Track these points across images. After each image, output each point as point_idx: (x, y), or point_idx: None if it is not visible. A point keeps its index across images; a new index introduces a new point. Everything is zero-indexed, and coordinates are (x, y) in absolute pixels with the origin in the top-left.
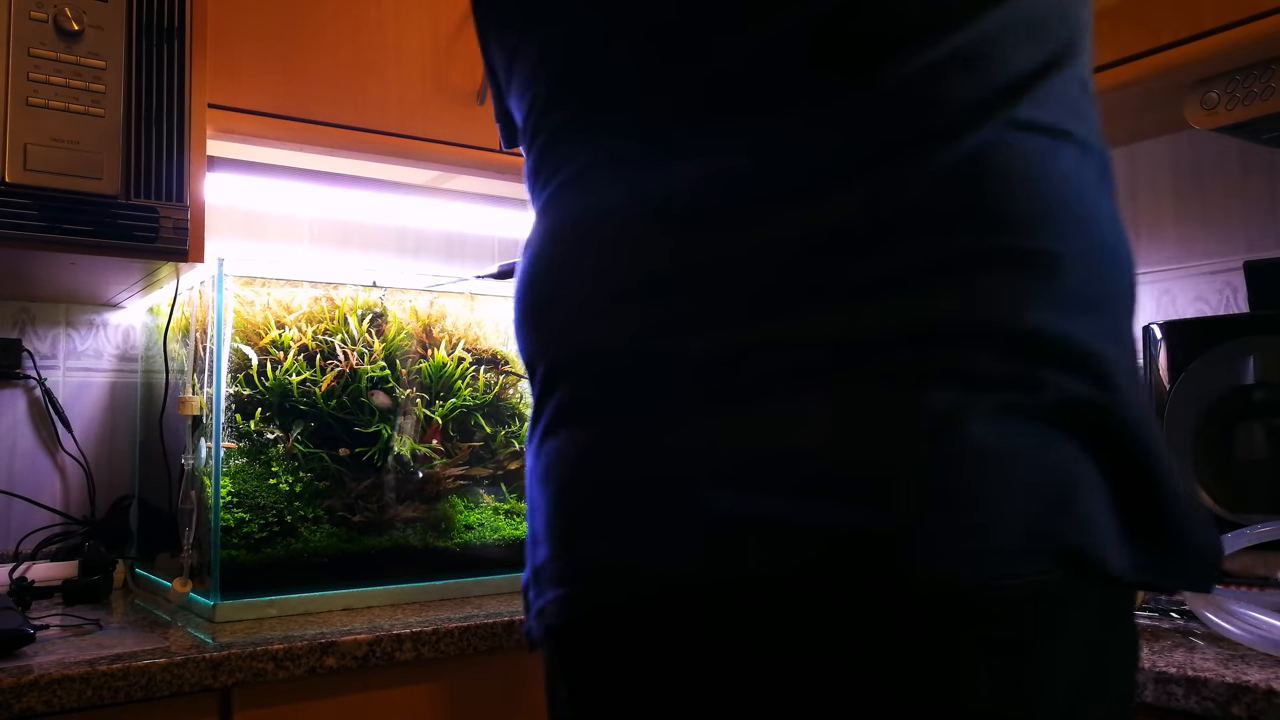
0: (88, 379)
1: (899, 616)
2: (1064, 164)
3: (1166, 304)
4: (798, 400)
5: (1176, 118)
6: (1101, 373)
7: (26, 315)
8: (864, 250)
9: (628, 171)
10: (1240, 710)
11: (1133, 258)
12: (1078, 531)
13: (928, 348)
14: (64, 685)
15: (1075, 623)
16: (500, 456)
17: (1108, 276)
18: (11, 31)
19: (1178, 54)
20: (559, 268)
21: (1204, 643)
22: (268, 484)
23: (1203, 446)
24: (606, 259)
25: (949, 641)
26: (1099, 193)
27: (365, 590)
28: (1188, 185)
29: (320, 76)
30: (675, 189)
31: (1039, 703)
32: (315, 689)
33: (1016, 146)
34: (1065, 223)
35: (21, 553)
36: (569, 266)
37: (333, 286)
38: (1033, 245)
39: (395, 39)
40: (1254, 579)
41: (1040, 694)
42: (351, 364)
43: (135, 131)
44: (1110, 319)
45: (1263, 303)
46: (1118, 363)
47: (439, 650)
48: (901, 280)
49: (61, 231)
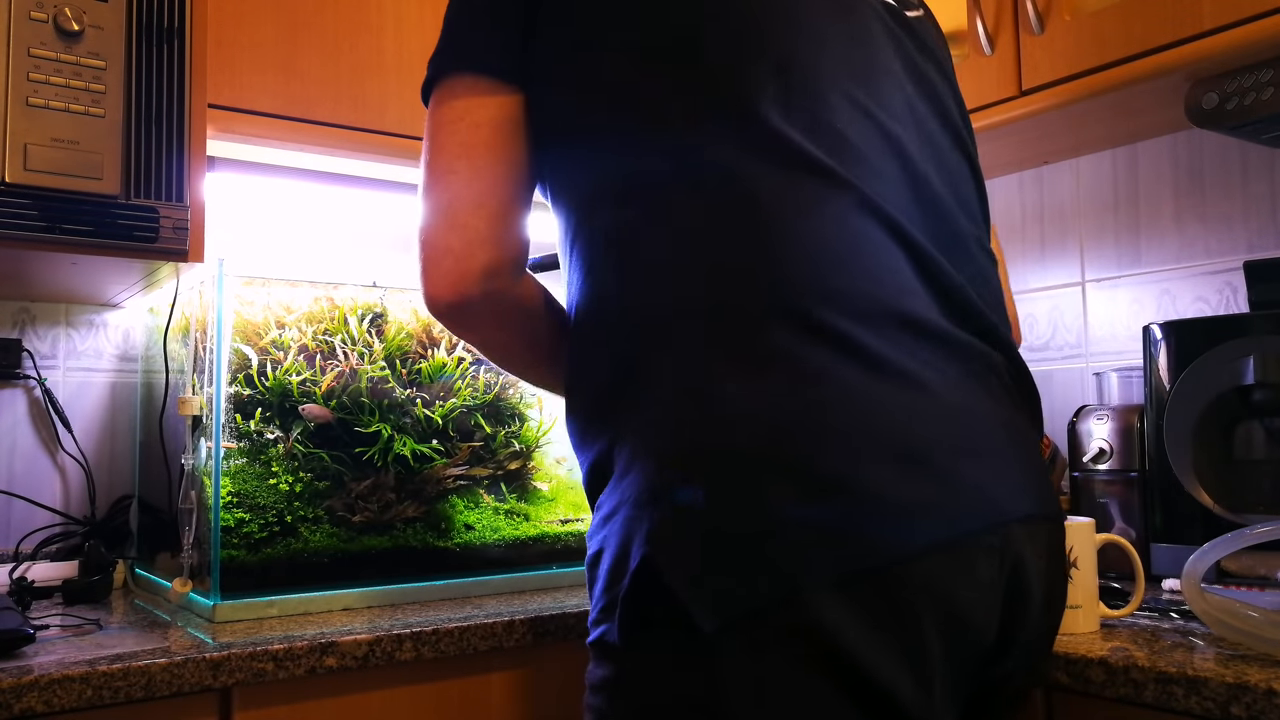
0: (88, 379)
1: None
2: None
3: (1166, 304)
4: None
5: (1176, 118)
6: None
7: (26, 315)
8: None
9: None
10: (1240, 710)
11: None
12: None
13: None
14: (64, 685)
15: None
16: (500, 456)
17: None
18: (11, 31)
19: (1178, 54)
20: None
21: (1204, 643)
22: (268, 484)
23: (1203, 446)
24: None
25: None
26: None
27: (365, 590)
28: (1188, 185)
29: (320, 77)
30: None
31: None
32: (315, 689)
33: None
34: None
35: (21, 553)
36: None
37: (333, 286)
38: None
39: (395, 39)
40: (1254, 579)
41: None
42: (351, 364)
43: (135, 131)
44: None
45: (1263, 303)
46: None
47: (439, 650)
48: None
49: (61, 231)
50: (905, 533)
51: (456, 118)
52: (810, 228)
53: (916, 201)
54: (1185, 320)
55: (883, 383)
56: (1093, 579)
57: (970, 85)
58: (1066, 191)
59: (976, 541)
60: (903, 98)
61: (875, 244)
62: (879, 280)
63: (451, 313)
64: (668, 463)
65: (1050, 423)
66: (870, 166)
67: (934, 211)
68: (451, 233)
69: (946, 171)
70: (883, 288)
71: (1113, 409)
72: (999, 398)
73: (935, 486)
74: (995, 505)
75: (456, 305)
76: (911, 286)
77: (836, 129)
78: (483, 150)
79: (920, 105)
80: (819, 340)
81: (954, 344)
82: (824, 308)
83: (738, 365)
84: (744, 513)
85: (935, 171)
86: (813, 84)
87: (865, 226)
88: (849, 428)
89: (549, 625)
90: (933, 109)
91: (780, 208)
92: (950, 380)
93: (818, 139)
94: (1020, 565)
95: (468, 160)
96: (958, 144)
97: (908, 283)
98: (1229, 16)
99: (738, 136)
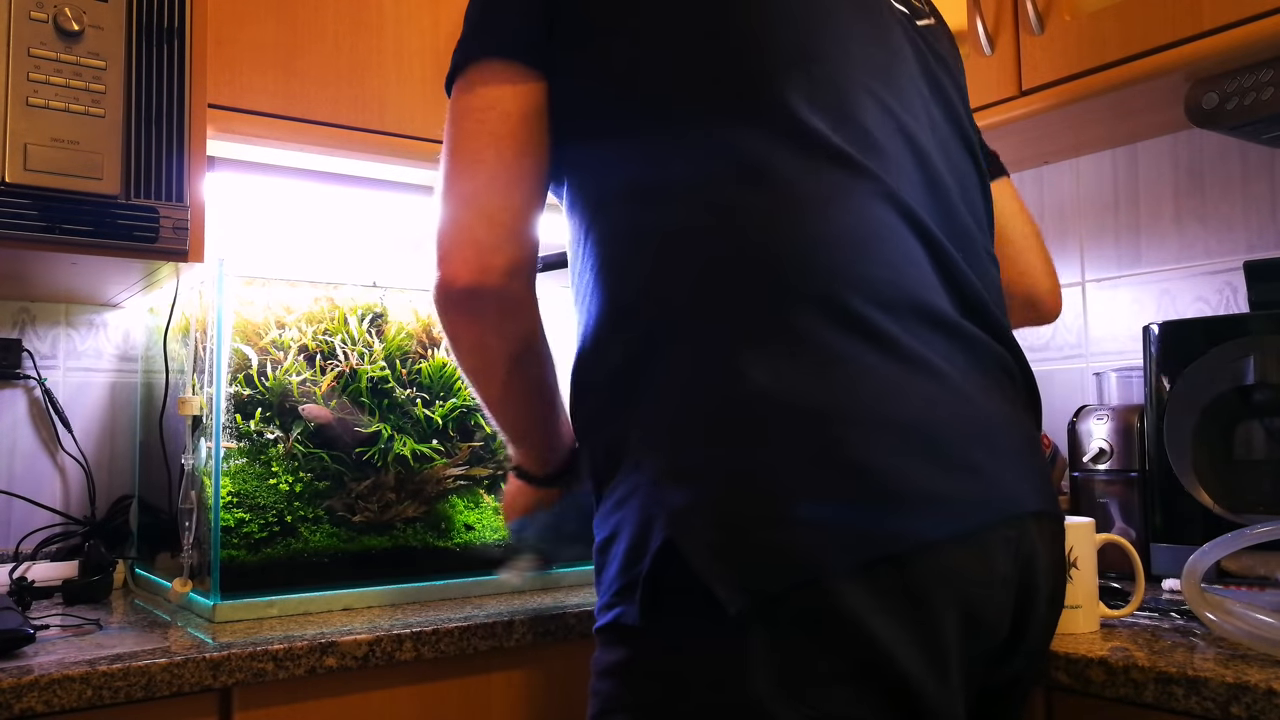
0: (88, 379)
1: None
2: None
3: (1166, 304)
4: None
5: (1176, 118)
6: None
7: (26, 315)
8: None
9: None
10: (1240, 710)
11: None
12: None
13: None
14: (64, 685)
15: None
16: (500, 456)
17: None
18: (11, 31)
19: (1178, 54)
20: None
21: (1204, 643)
22: (268, 484)
23: (1203, 446)
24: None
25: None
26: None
27: (365, 590)
28: (1188, 185)
29: (320, 77)
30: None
31: None
32: (315, 689)
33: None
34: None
35: (21, 553)
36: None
37: (333, 286)
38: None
39: (395, 39)
40: (1254, 579)
41: None
42: (351, 364)
43: (135, 131)
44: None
45: (1263, 303)
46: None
47: (439, 650)
48: None
49: (61, 231)
50: (927, 522)
51: (487, 105)
52: (834, 216)
53: (932, 199)
54: (1185, 320)
55: (904, 371)
56: (1093, 579)
57: (970, 85)
58: (1066, 191)
59: (994, 533)
60: (921, 102)
61: (896, 234)
62: (900, 270)
63: (465, 300)
64: (689, 446)
65: (1050, 423)
66: (891, 161)
67: (947, 211)
68: (478, 223)
69: (958, 176)
70: (903, 277)
71: (1113, 409)
72: (1007, 393)
73: (956, 477)
74: (1011, 498)
75: (472, 293)
76: (929, 279)
77: (860, 123)
78: (510, 142)
79: (935, 111)
80: (843, 326)
81: (967, 338)
82: (848, 294)
83: (761, 350)
84: (767, 496)
85: (948, 174)
86: (838, 80)
87: (887, 216)
88: (872, 414)
89: (549, 625)
90: (946, 115)
91: (804, 196)
92: (963, 373)
93: (842, 131)
94: (1032, 559)
95: (496, 150)
96: (969, 152)
97: (925, 275)
98: (1229, 16)
99: (763, 128)
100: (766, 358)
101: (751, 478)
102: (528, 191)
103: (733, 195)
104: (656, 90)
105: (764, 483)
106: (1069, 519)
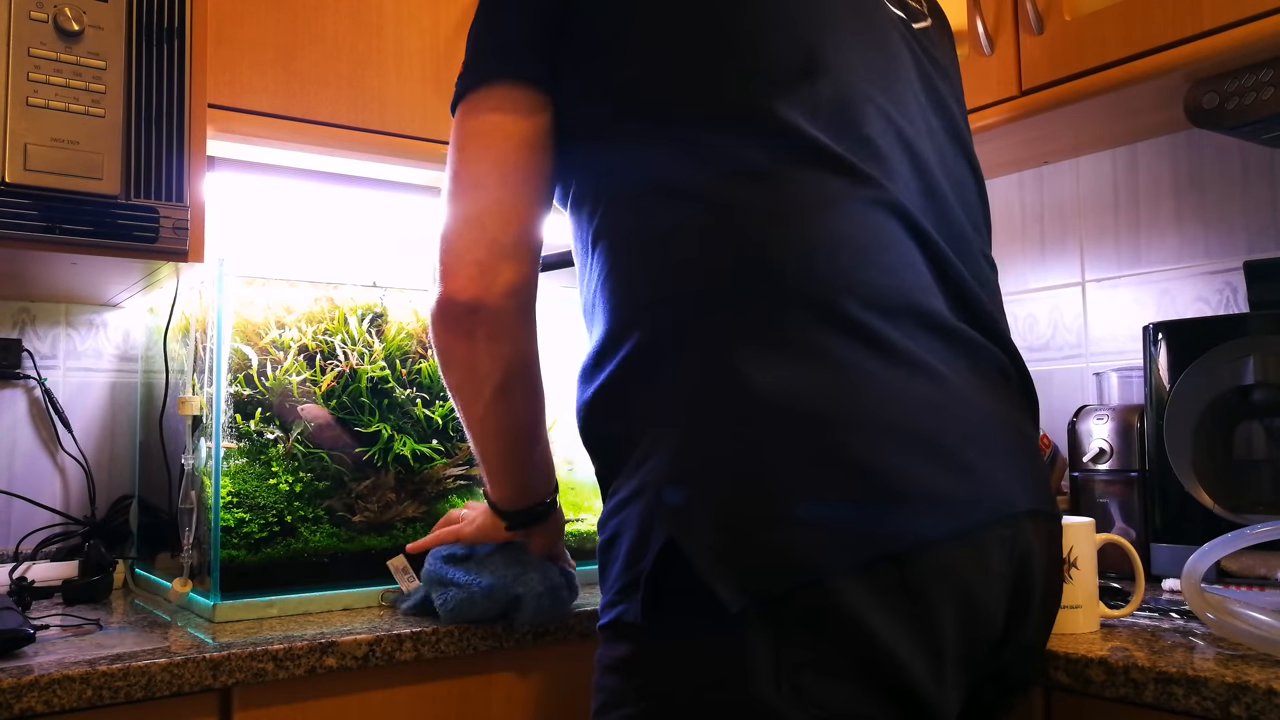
0: (88, 379)
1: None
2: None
3: (1166, 304)
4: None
5: (1176, 118)
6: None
7: (26, 315)
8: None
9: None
10: (1240, 710)
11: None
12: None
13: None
14: (64, 685)
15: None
16: None
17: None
18: (11, 31)
19: (1178, 54)
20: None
21: (1204, 643)
22: (268, 484)
23: (1203, 446)
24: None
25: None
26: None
27: (365, 590)
28: (1188, 185)
29: (320, 77)
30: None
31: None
32: (315, 689)
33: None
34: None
35: (21, 553)
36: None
37: (333, 286)
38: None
39: (395, 39)
40: (1254, 579)
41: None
42: (352, 364)
43: (135, 131)
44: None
45: (1263, 303)
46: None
47: (439, 650)
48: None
49: (61, 231)
50: (927, 520)
51: (492, 129)
52: (833, 222)
53: (930, 205)
54: (1185, 320)
55: (902, 374)
56: (1093, 579)
57: (970, 85)
58: (1066, 191)
59: (989, 532)
60: (918, 108)
61: (896, 240)
62: (899, 275)
63: (464, 316)
64: (691, 447)
65: (1050, 423)
66: (890, 168)
67: (944, 216)
68: (481, 244)
69: (955, 181)
70: (902, 282)
71: (1113, 409)
72: (1004, 395)
73: (953, 477)
74: (1006, 497)
75: (472, 309)
76: (927, 283)
77: (860, 130)
78: (514, 167)
79: (932, 117)
80: (842, 330)
81: (965, 341)
82: (847, 299)
83: (762, 354)
84: (769, 497)
85: (945, 179)
86: (840, 89)
87: (887, 223)
88: (871, 416)
89: (549, 625)
90: (943, 122)
91: (805, 202)
92: (961, 375)
93: (842, 139)
94: (1028, 557)
95: (499, 175)
96: (965, 157)
97: (924, 279)
98: (1229, 16)
99: (766, 136)
100: (769, 362)
101: (754, 479)
102: (530, 214)
103: (734, 207)
104: (659, 96)
105: (766, 484)
106: (1069, 519)
